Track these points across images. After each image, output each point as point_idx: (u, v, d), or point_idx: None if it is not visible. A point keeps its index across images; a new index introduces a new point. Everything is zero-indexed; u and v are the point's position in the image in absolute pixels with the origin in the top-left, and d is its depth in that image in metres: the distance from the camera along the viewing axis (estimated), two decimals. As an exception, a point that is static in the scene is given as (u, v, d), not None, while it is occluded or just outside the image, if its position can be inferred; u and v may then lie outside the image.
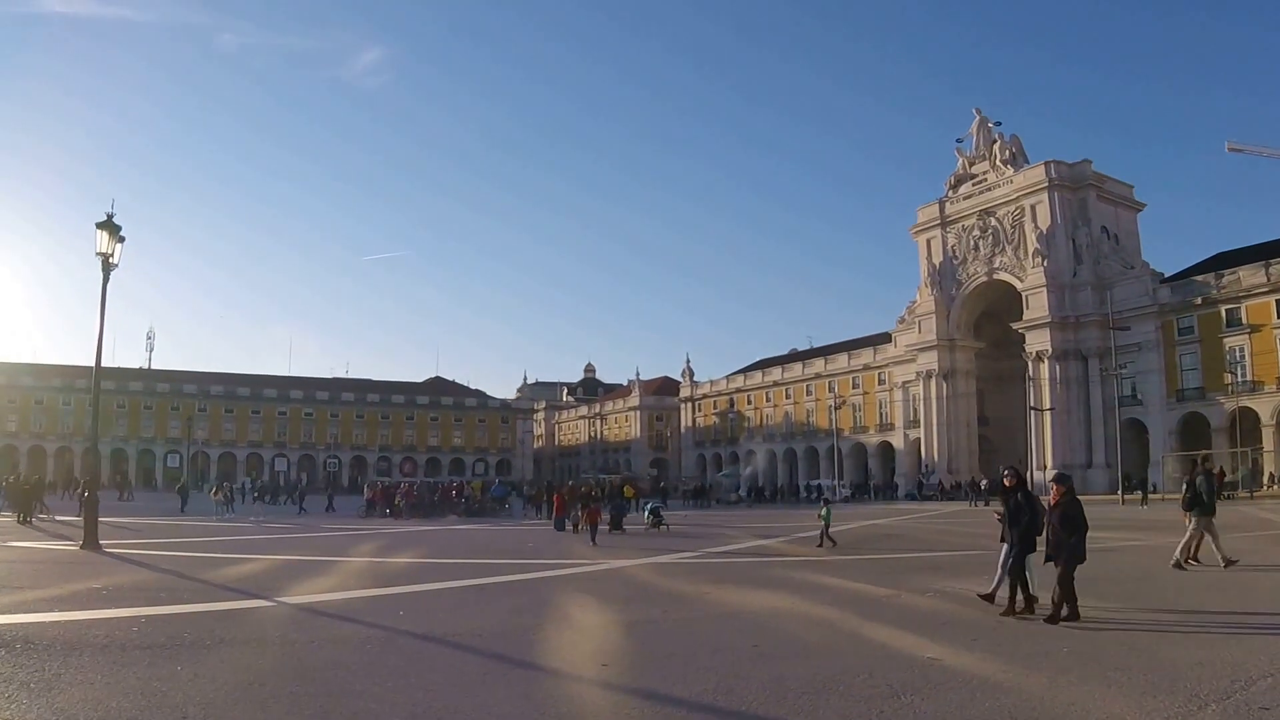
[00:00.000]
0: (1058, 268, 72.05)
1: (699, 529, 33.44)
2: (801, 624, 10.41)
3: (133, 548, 21.94)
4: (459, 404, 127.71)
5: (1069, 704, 6.40)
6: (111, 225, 22.49)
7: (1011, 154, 77.81)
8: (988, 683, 7.08)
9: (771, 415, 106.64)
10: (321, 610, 11.39)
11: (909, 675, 7.36)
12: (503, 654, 8.45)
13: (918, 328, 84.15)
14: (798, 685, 6.98)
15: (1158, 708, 6.23)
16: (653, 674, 7.56)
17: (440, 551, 22.40)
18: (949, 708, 6.30)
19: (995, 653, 8.32)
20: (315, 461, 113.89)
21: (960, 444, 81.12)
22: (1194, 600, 11.55)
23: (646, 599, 13.06)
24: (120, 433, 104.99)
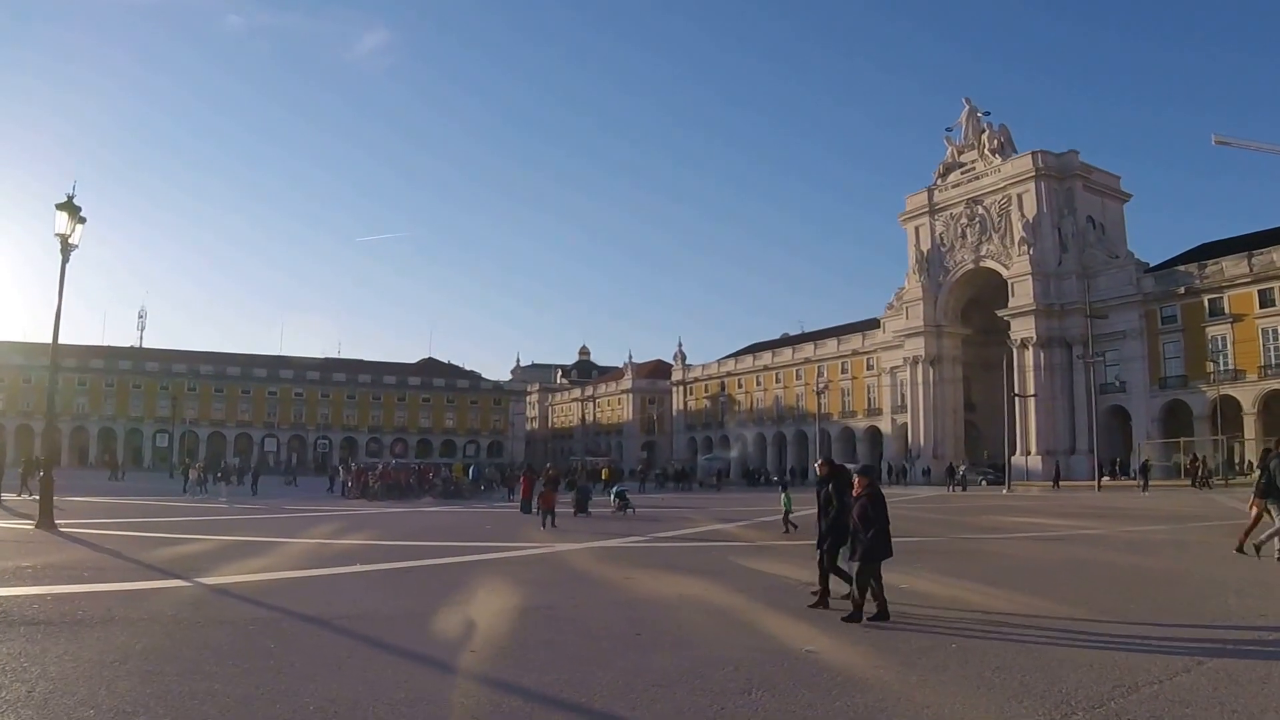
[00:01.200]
0: (1043, 256, 72.40)
1: (667, 512, 33.65)
2: (702, 612, 10.41)
3: (90, 527, 21.98)
4: (451, 385, 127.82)
5: (925, 705, 6.25)
6: (71, 206, 22.45)
7: (1000, 143, 78.19)
8: (853, 679, 6.96)
9: (762, 399, 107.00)
10: (232, 591, 11.51)
11: (775, 669, 7.32)
12: (377, 637, 8.54)
13: (905, 314, 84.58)
14: (655, 677, 6.97)
15: (1019, 713, 6.04)
16: (513, 661, 7.60)
17: (394, 534, 22.49)
18: (795, 706, 6.17)
19: (879, 647, 8.21)
20: (305, 442, 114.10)
21: (946, 429, 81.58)
22: (1115, 599, 11.34)
23: (563, 584, 13.16)
24: (109, 412, 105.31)
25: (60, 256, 22.87)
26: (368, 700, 6.18)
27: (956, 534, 22.75)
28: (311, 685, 6.58)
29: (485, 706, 6.16)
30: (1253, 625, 9.36)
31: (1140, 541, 20.33)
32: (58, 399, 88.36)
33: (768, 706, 6.18)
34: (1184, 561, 15.88)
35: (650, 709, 6.11)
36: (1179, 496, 41.86)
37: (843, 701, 6.28)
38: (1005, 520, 28.06)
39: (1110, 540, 20.64)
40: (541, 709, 6.10)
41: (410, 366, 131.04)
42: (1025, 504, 38.13)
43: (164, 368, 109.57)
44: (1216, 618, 9.83)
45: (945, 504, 39.42)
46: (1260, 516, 15.71)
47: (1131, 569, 14.72)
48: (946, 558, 16.83)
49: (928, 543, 20.22)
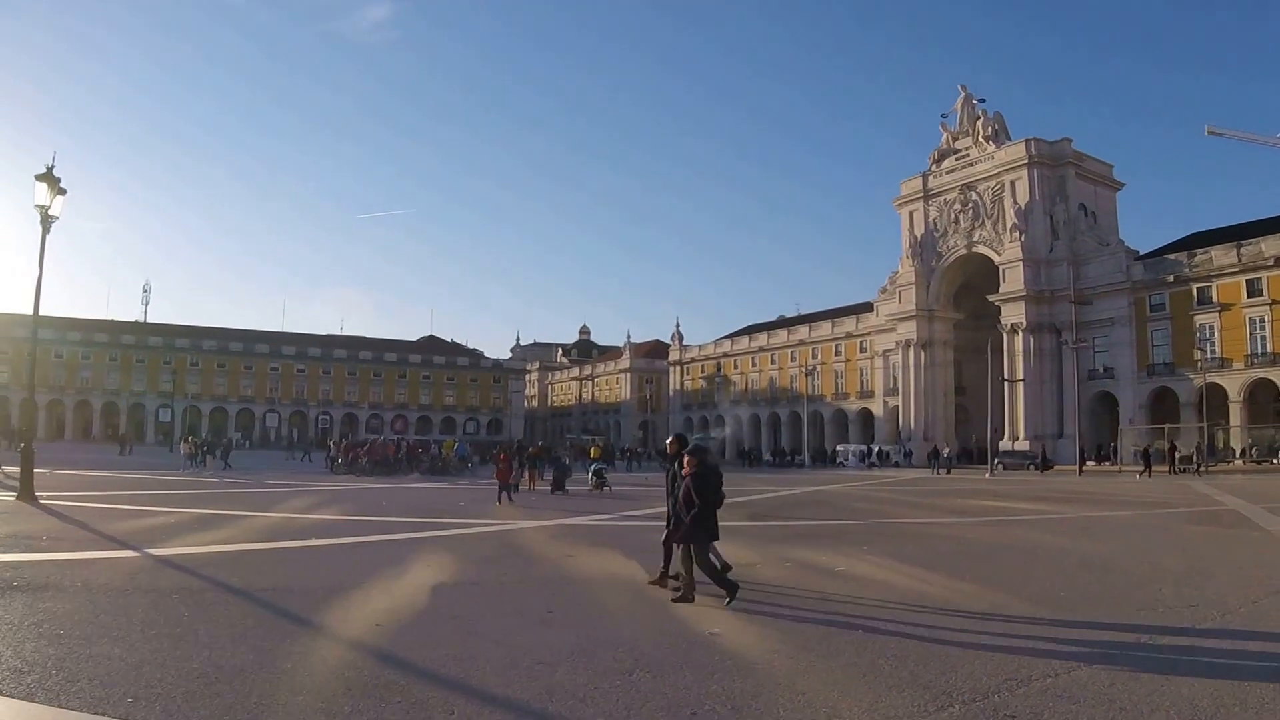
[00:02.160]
0: (1034, 243, 72.89)
1: (642, 491, 34.07)
2: (624, 591, 10.68)
3: (72, 499, 22.59)
4: (451, 363, 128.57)
5: (802, 692, 6.21)
6: (51, 178, 22.69)
7: (994, 130, 78.66)
8: (742, 663, 6.97)
9: (757, 380, 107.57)
10: (174, 562, 12.01)
11: (669, 651, 7.42)
12: (292, 610, 9.00)
13: (898, 298, 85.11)
14: (545, 654, 7.17)
15: (898, 703, 5.94)
16: (413, 636, 7.99)
17: (365, 510, 22.94)
18: (670, 688, 6.27)
19: (784, 632, 8.24)
20: (307, 417, 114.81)
21: (937, 412, 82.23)
22: (1049, 586, 11.28)
23: (502, 560, 13.60)
24: (112, 386, 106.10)
25: (40, 228, 23.20)
26: (254, 668, 6.63)
27: (918, 517, 23.06)
28: (206, 653, 7.03)
29: (363, 676, 6.52)
30: (1174, 620, 9.02)
31: (1099, 527, 20.55)
32: (64, 373, 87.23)
33: (642, 687, 6.28)
34: (1134, 548, 15.95)
35: (524, 686, 6.30)
36: (1154, 483, 42.30)
37: (721, 685, 6.32)
38: (973, 504, 28.35)
39: (1069, 524, 20.91)
40: (416, 681, 6.42)
41: (411, 344, 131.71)
42: (1001, 488, 38.51)
43: (167, 342, 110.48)
44: (1143, 607, 9.77)
45: (921, 487, 39.92)
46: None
47: (1078, 554, 14.78)
48: (897, 541, 17.13)
49: (884, 525, 20.74)
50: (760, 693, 6.18)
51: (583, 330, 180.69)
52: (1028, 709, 5.82)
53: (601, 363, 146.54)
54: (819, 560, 13.52)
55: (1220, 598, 10.21)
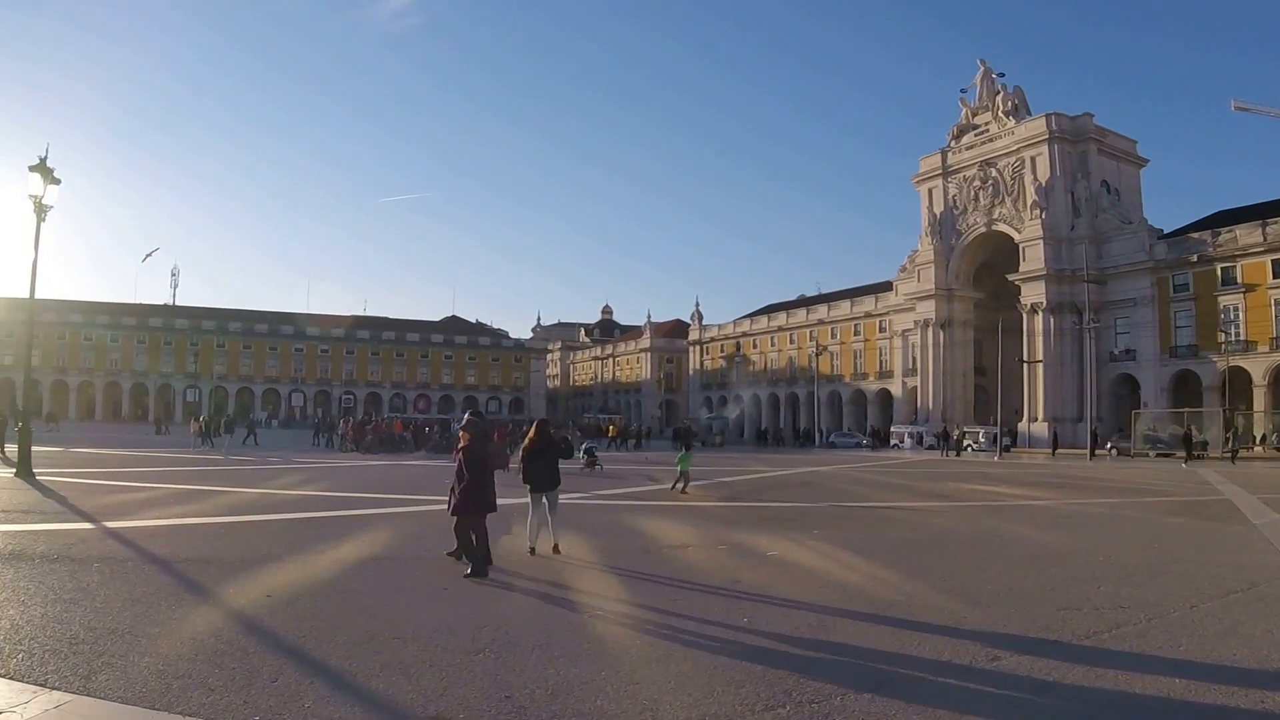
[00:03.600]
0: (1055, 220, 71.75)
1: (632, 470, 34.39)
2: (541, 567, 11.12)
3: (68, 476, 23.33)
4: (473, 343, 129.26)
5: (638, 683, 6.20)
6: (44, 168, 23.23)
7: (1014, 105, 77.22)
8: (597, 648, 7.11)
9: (776, 359, 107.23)
10: (123, 535, 12.58)
11: (535, 632, 7.60)
12: (200, 580, 9.46)
13: (917, 277, 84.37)
14: (408, 630, 7.43)
15: (727, 701, 5.78)
16: (294, 609, 8.31)
17: (347, 486, 23.56)
18: (509, 671, 6.37)
19: (663, 619, 8.36)
20: (331, 397, 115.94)
21: (955, 393, 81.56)
22: (979, 580, 10.87)
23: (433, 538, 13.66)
24: (140, 368, 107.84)
25: (35, 217, 23.71)
26: (125, 631, 7.11)
27: (895, 501, 22.93)
28: (90, 617, 7.52)
29: (218, 643, 6.89)
30: (1085, 626, 8.20)
31: (1076, 515, 19.69)
32: (93, 355, 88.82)
33: (479, 667, 6.42)
34: (1099, 539, 15.13)
35: (364, 660, 6.53)
36: (1162, 468, 41.85)
37: (559, 670, 6.38)
38: (961, 488, 28.07)
39: (1046, 513, 20.33)
40: (264, 650, 6.74)
41: (434, 324, 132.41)
42: (1001, 472, 38.17)
43: (194, 324, 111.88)
44: (1066, 607, 9.04)
45: (921, 469, 39.86)
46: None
47: (1036, 545, 14.25)
48: (854, 526, 17.00)
49: (852, 509, 20.60)
50: (592, 680, 6.16)
51: (605, 310, 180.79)
52: (861, 711, 5.64)
53: (622, 342, 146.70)
54: (757, 544, 13.57)
55: (1158, 600, 9.52)
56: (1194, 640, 7.70)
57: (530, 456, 12.27)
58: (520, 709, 5.56)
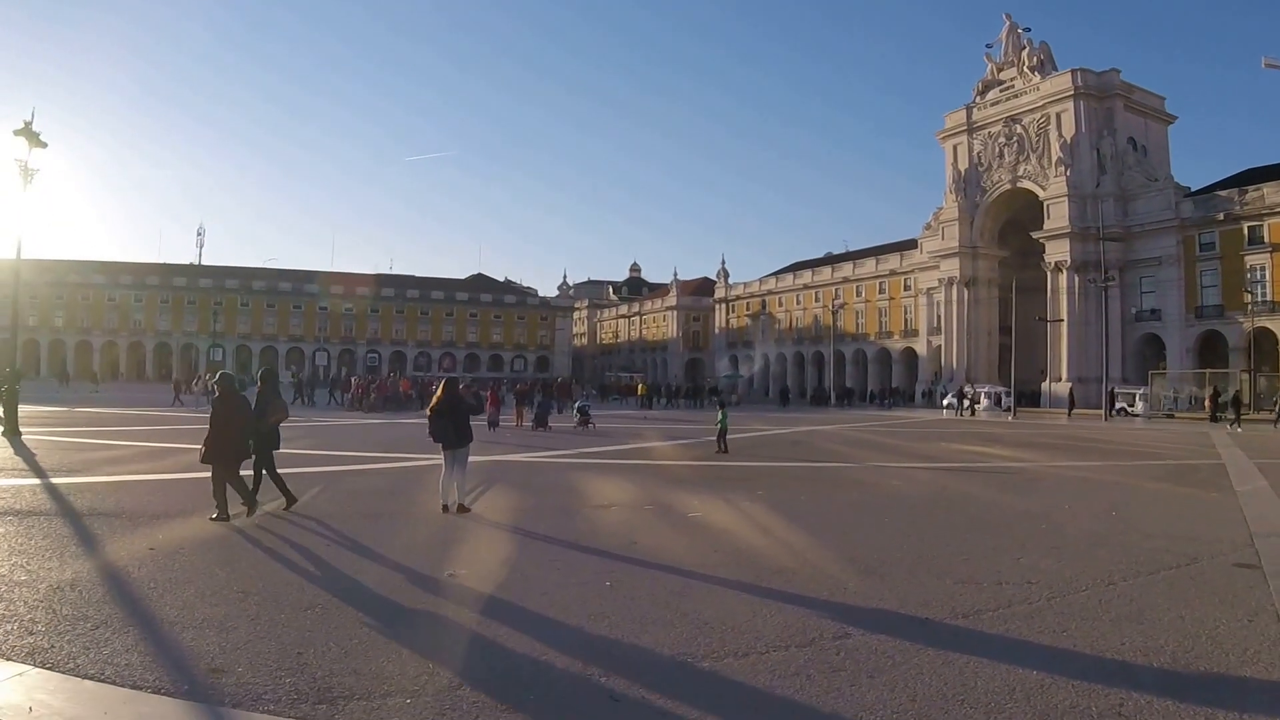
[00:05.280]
0: (1080, 178, 70.38)
1: (626, 429, 34.47)
2: (443, 529, 11.15)
3: (55, 435, 23.84)
4: (499, 301, 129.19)
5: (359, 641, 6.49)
6: (30, 132, 23.43)
7: (1039, 61, 75.63)
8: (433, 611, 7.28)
9: (801, 317, 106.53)
10: (62, 490, 13.15)
11: (379, 588, 7.83)
12: (100, 532, 9.96)
13: (942, 234, 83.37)
14: (252, 587, 7.65)
15: (432, 673, 5.64)
16: (168, 561, 8.59)
17: (329, 445, 23.80)
18: (334, 622, 6.62)
19: (523, 575, 8.54)
20: (355, 356, 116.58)
21: (980, 352, 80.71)
22: (899, 546, 10.38)
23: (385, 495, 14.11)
24: (164, 327, 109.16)
25: (22, 180, 23.91)
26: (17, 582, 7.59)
27: (873, 461, 22.74)
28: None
29: (72, 594, 7.21)
30: (970, 603, 7.67)
31: (1050, 479, 19.16)
32: (117, 315, 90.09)
33: (299, 623, 6.61)
34: (1059, 506, 14.36)
35: (195, 612, 6.82)
36: (1176, 430, 41.15)
37: (362, 632, 6.50)
38: (950, 449, 27.87)
39: (1022, 475, 19.94)
40: (104, 600, 7.10)
41: (458, 282, 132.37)
42: (1004, 433, 37.55)
43: (217, 284, 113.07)
44: (966, 581, 8.54)
45: (924, 430, 39.49)
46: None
47: (987, 510, 13.89)
48: (805, 487, 16.72)
49: (819, 470, 20.41)
50: (384, 645, 6.21)
51: (633, 268, 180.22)
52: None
53: (649, 300, 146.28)
54: (688, 505, 13.43)
55: (1075, 575, 8.82)
56: (1086, 624, 7.03)
57: (437, 414, 12.29)
58: (304, 665, 5.66)
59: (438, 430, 12.26)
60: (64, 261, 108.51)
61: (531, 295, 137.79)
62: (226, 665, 5.59)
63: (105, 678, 5.34)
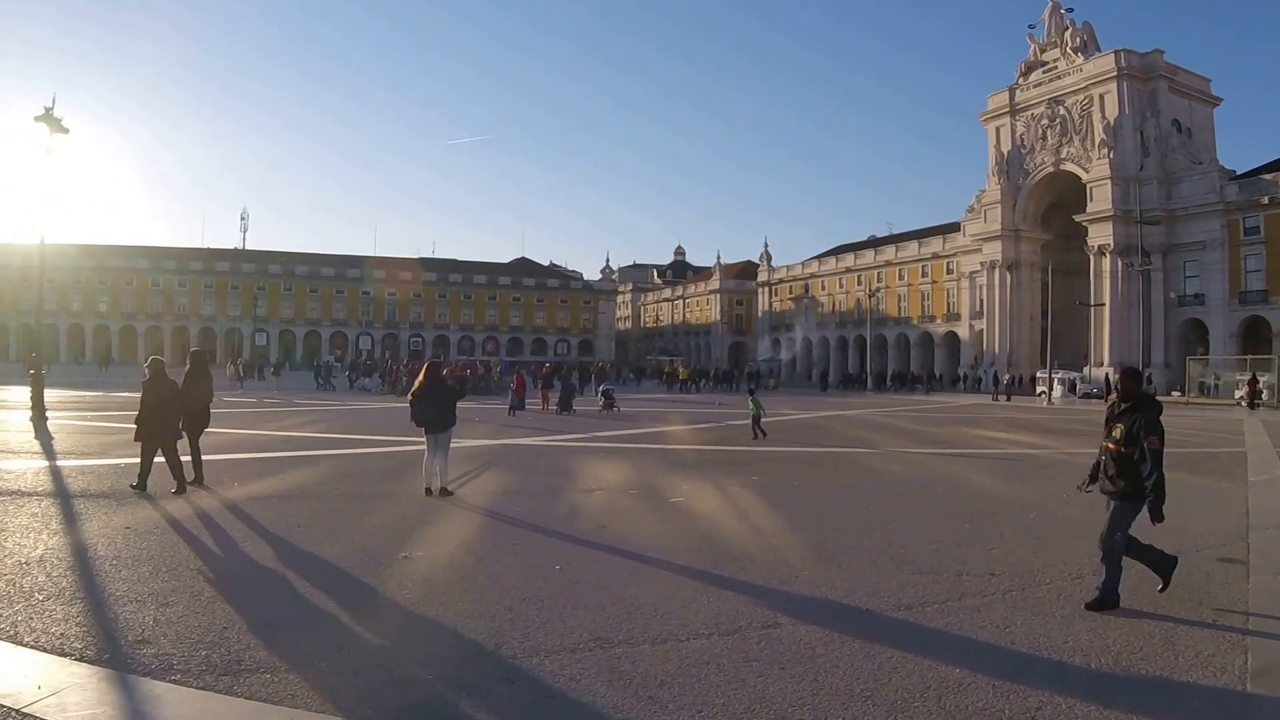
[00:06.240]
0: (1123, 160, 68.95)
1: (651, 413, 34.53)
2: (402, 505, 11.75)
3: (82, 419, 24.51)
4: (541, 284, 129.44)
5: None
6: (51, 118, 23.83)
7: (1083, 41, 73.98)
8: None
9: (844, 301, 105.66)
10: (65, 473, 13.69)
11: (343, 567, 8.14)
12: (85, 513, 10.40)
13: (984, 217, 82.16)
14: (191, 566, 7.98)
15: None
16: (138, 539, 9.00)
17: (342, 429, 24.26)
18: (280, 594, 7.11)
19: (481, 557, 8.83)
20: (399, 340, 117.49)
21: (1022, 336, 79.62)
22: (870, 535, 10.22)
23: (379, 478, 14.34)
24: (208, 312, 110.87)
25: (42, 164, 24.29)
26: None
27: (888, 446, 22.61)
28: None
29: (34, 567, 7.67)
30: (917, 595, 7.48)
31: (1054, 466, 18.52)
32: (161, 300, 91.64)
33: (233, 599, 6.90)
34: (1054, 493, 13.86)
35: (141, 587, 7.16)
36: (1210, 416, 40.29)
37: (292, 607, 6.88)
38: (970, 434, 27.61)
39: (1027, 464, 19.33)
40: (62, 574, 7.55)
41: (501, 266, 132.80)
42: (1031, 418, 36.94)
43: (261, 268, 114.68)
44: (926, 571, 8.36)
45: (953, 413, 39.16)
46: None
47: (978, 497, 13.62)
48: (808, 470, 16.76)
49: (823, 455, 20.34)
50: (308, 620, 6.55)
51: (678, 251, 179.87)
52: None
53: (692, 283, 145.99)
54: (676, 489, 13.52)
55: (1043, 568, 8.58)
56: (1034, 620, 6.76)
57: (419, 398, 12.44)
58: (225, 640, 5.90)
59: (419, 414, 12.46)
60: (107, 246, 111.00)
61: (575, 279, 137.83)
62: (152, 637, 5.88)
63: (37, 645, 5.66)
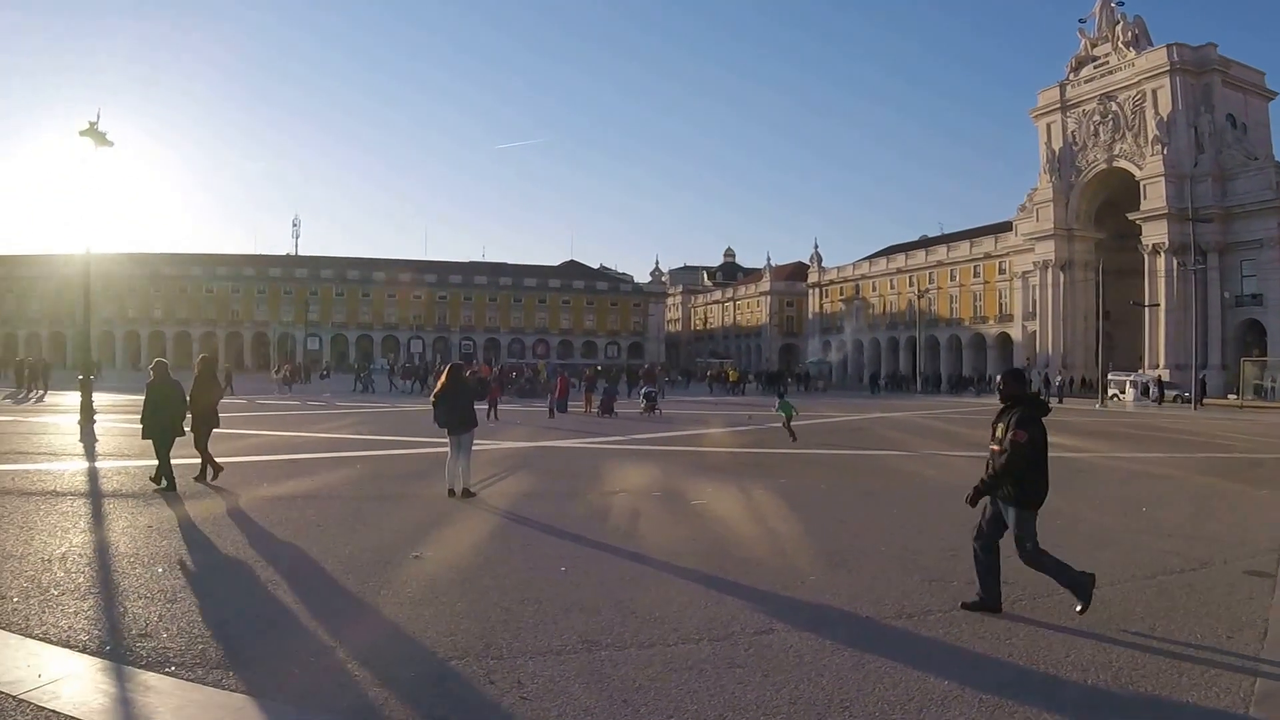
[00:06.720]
0: (1177, 157, 67.40)
1: (692, 415, 34.52)
2: (418, 506, 11.85)
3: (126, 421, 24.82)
4: (591, 287, 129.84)
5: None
6: (95, 132, 24.32)
7: (1134, 36, 72.54)
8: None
9: (895, 302, 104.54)
10: (102, 475, 14.13)
11: (349, 562, 8.42)
12: (112, 513, 10.74)
13: (1036, 216, 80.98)
14: (252, 569, 8.19)
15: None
16: (162, 537, 9.36)
17: (380, 430, 24.60)
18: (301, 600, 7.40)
19: (496, 548, 9.29)
20: (450, 344, 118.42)
21: (1076, 337, 78.25)
22: (880, 541, 10.22)
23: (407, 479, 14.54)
24: (261, 318, 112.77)
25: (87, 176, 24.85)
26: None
27: (926, 449, 22.43)
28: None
29: (50, 562, 7.99)
30: (921, 603, 7.33)
31: (1088, 471, 17.97)
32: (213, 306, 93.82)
33: (248, 597, 7.14)
34: (1086, 499, 13.59)
35: (130, 583, 7.46)
36: (1267, 420, 39.22)
37: (276, 604, 7.06)
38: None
39: (1069, 466, 16.68)
40: (69, 568, 7.88)
41: (551, 269, 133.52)
42: (1078, 421, 35.81)
43: (313, 273, 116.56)
44: (937, 577, 8.18)
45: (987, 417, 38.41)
46: None
47: None
48: (837, 474, 16.72)
49: (866, 457, 20.44)
50: (289, 612, 6.84)
51: (727, 253, 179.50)
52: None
53: (742, 285, 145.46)
54: (699, 492, 13.49)
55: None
56: (1036, 632, 6.54)
57: (441, 400, 12.57)
58: (224, 635, 6.11)
59: (441, 416, 12.60)
60: (162, 254, 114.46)
61: (625, 281, 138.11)
62: (154, 631, 6.10)
63: (45, 637, 5.92)
